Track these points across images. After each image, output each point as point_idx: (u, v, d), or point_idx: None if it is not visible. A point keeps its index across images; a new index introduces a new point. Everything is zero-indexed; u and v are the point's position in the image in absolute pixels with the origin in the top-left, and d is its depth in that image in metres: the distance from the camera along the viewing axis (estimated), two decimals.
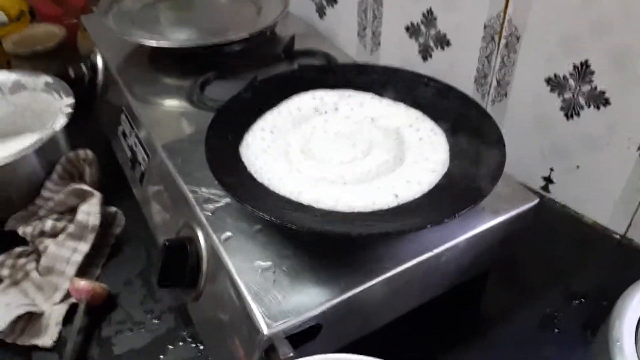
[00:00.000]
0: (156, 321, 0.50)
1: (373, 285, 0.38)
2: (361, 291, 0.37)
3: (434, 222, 0.36)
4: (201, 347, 0.47)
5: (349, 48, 0.77)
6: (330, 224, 0.38)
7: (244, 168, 0.43)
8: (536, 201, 0.45)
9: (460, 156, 0.44)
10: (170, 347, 0.48)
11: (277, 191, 0.41)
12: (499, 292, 0.53)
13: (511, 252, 0.50)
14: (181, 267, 0.42)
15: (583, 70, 0.54)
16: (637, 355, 0.33)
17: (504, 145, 0.43)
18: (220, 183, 0.39)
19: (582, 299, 0.52)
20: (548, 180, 0.62)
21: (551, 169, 0.61)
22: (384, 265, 0.39)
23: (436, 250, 0.40)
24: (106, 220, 0.57)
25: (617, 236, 0.58)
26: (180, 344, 0.48)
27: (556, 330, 0.49)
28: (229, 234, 0.41)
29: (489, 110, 0.64)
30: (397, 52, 0.71)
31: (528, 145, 0.61)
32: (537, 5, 0.54)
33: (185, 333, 0.49)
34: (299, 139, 0.47)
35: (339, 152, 0.46)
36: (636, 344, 0.33)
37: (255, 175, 0.42)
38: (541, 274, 0.55)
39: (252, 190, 0.41)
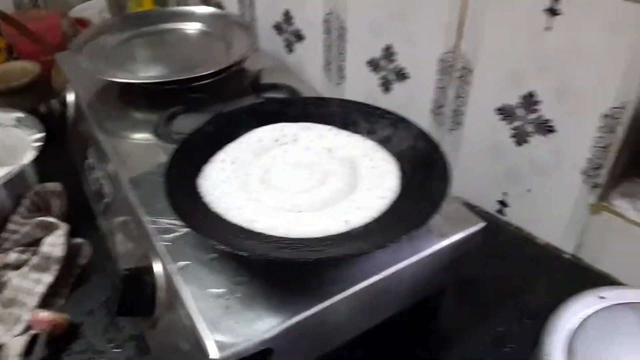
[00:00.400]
0: (117, 350, 0.51)
1: (323, 308, 0.39)
2: (311, 315, 0.39)
3: (379, 246, 0.38)
4: None
5: (316, 81, 0.80)
6: (281, 251, 0.39)
7: (201, 198, 0.45)
8: (482, 224, 0.47)
9: (410, 184, 0.46)
10: None
11: (232, 220, 0.43)
12: (455, 310, 0.54)
13: (464, 272, 0.52)
14: (139, 296, 0.43)
15: (529, 101, 0.57)
16: None
17: (449, 175, 0.45)
18: (175, 212, 0.41)
19: (534, 317, 0.54)
20: (502, 203, 0.65)
21: (505, 193, 0.64)
22: (334, 288, 0.40)
23: (385, 273, 0.42)
24: (72, 251, 0.58)
25: (568, 256, 0.61)
26: None
27: (509, 346, 0.51)
28: (185, 262, 0.43)
29: (445, 138, 0.67)
30: (360, 85, 0.74)
31: (483, 170, 0.64)
32: (487, 41, 0.58)
33: None
34: (259, 169, 0.49)
35: (297, 182, 0.48)
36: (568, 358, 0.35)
37: (212, 205, 0.44)
38: (496, 293, 0.57)
39: (208, 220, 0.42)
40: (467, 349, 0.50)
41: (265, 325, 0.38)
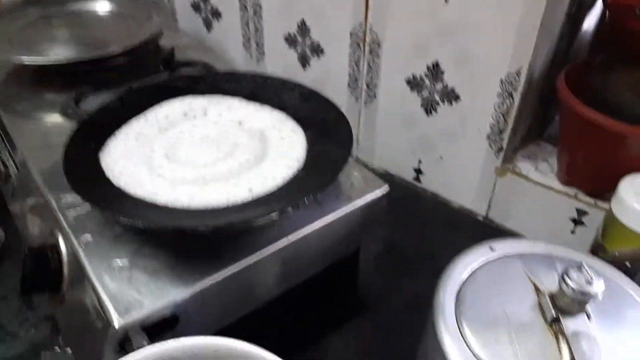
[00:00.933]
0: (32, 331, 0.50)
1: (230, 274, 0.40)
2: (217, 281, 0.40)
3: (280, 210, 0.39)
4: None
5: (237, 59, 0.80)
6: (180, 221, 0.40)
7: (102, 173, 0.44)
8: (386, 188, 0.49)
9: (315, 153, 0.48)
10: (44, 353, 0.48)
11: (133, 194, 0.42)
12: (375, 273, 0.56)
13: (383, 238, 0.54)
14: (44, 273, 0.43)
15: (435, 71, 0.59)
16: (455, 316, 0.37)
17: (350, 141, 0.47)
18: (72, 186, 0.40)
19: None
20: (418, 171, 0.67)
21: (420, 161, 0.66)
22: (240, 256, 0.41)
23: (292, 238, 0.43)
24: None
25: (480, 218, 0.64)
26: (56, 349, 0.48)
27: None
28: (89, 238, 0.42)
29: (362, 111, 0.68)
30: (280, 61, 0.75)
31: (399, 140, 0.66)
32: (392, 14, 0.59)
33: (60, 340, 0.49)
34: (164, 145, 0.49)
35: (203, 155, 0.48)
36: (456, 307, 0.37)
37: (113, 180, 0.44)
38: (413, 256, 0.59)
39: (108, 194, 0.42)
40: (385, 309, 0.53)
41: (170, 294, 0.38)
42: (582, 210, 0.57)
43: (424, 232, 0.63)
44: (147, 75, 0.64)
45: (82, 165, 0.44)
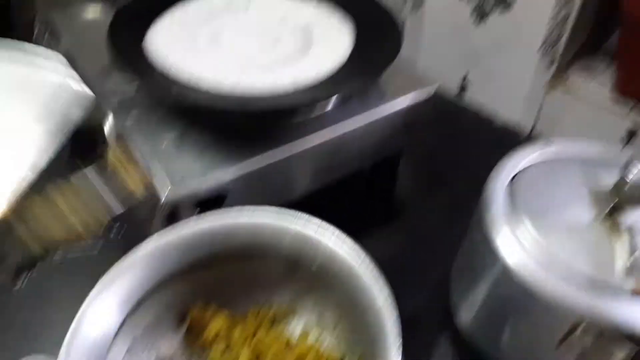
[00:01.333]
0: None
1: (274, 161, 0.40)
2: (265, 164, 0.40)
3: (326, 96, 0.38)
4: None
5: None
6: (224, 101, 0.39)
7: (147, 54, 0.44)
8: (434, 87, 0.47)
9: (362, 49, 0.46)
10: None
11: (179, 77, 0.42)
12: (412, 181, 0.56)
13: (430, 145, 0.52)
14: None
15: None
16: (506, 209, 0.36)
17: (400, 38, 0.45)
18: (120, 65, 0.40)
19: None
20: (463, 84, 0.65)
21: (465, 75, 0.64)
22: (284, 142, 0.41)
23: (337, 131, 0.42)
24: None
25: (526, 134, 0.62)
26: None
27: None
28: (133, 119, 0.42)
29: (407, 20, 0.65)
30: None
31: (445, 52, 0.64)
32: None
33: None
34: (208, 33, 0.48)
35: (247, 47, 0.47)
36: (507, 200, 0.36)
37: (158, 63, 0.43)
38: (454, 170, 0.58)
39: (154, 76, 0.41)
40: (420, 216, 0.52)
41: (218, 171, 0.38)
42: (633, 131, 0.55)
43: (465, 147, 0.61)
44: None
45: (127, 46, 0.43)
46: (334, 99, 0.43)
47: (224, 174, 0.38)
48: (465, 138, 0.62)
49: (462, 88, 0.65)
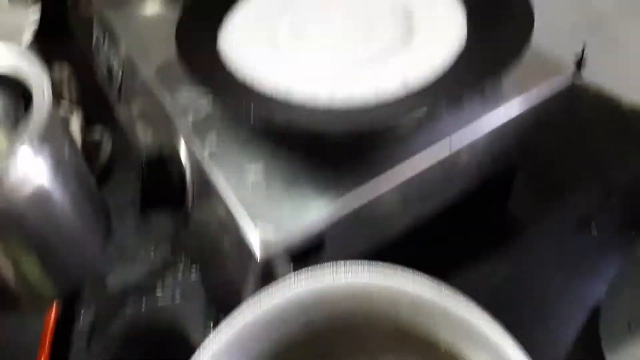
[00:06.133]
0: (152, 252, 0.46)
1: (385, 191, 0.33)
2: (370, 200, 0.32)
3: (453, 100, 0.30)
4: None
5: None
6: (326, 121, 0.32)
7: (223, 62, 0.37)
8: (571, 72, 0.38)
9: (480, 29, 0.37)
10: (168, 276, 0.44)
11: (262, 87, 0.35)
12: (526, 192, 0.47)
13: (542, 143, 0.44)
14: (165, 187, 0.38)
15: None
16: None
17: (532, 12, 0.35)
18: (193, 79, 0.33)
19: (623, 195, 0.46)
20: (580, 59, 0.54)
21: (584, 46, 0.53)
22: (396, 163, 0.33)
23: (458, 143, 0.34)
24: (89, 150, 0.52)
25: None
26: (179, 273, 0.44)
27: (595, 232, 0.44)
28: (214, 144, 0.36)
29: None
30: None
31: (556, 17, 0.53)
32: None
33: (182, 261, 0.45)
34: (289, 21, 0.40)
35: (337, 33, 0.39)
36: None
37: (237, 69, 0.36)
38: (574, 169, 0.49)
39: (234, 88, 0.35)
40: (544, 236, 0.44)
41: (314, 212, 0.31)
42: None
43: (586, 138, 0.51)
44: None
45: (199, 53, 0.36)
46: None
47: (322, 215, 0.31)
48: (585, 127, 0.51)
49: (578, 63, 0.54)
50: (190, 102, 0.39)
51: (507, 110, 0.36)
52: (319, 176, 0.33)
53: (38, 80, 0.31)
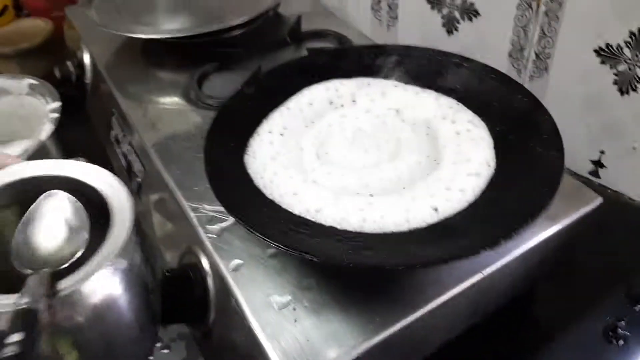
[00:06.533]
0: (165, 351, 0.45)
1: (413, 320, 0.32)
2: (400, 329, 0.31)
3: (488, 245, 0.29)
4: None
5: (363, 24, 0.69)
6: (358, 253, 0.31)
7: (251, 182, 0.37)
8: (599, 201, 0.38)
9: (509, 153, 0.37)
10: None
11: (291, 209, 0.34)
12: (551, 300, 0.46)
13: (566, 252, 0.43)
14: (186, 301, 0.37)
15: None
16: None
17: (561, 140, 0.36)
18: (224, 205, 0.33)
19: None
20: (598, 164, 0.54)
21: (601, 152, 0.54)
22: (424, 295, 0.32)
23: (487, 271, 0.34)
24: None
25: None
26: None
27: (621, 341, 0.43)
28: (238, 261, 0.35)
29: (526, 87, 0.56)
30: (417, 26, 0.63)
31: (573, 125, 0.54)
32: None
33: None
34: (313, 141, 0.41)
35: (361, 155, 0.40)
36: None
37: (265, 191, 0.36)
38: (597, 275, 0.48)
39: (262, 211, 0.34)
40: (571, 346, 0.43)
41: (343, 344, 0.30)
42: None
43: (604, 241, 0.51)
44: (271, 49, 0.56)
45: (227, 174, 0.36)
46: None
47: (352, 349, 0.30)
48: (606, 231, 0.51)
49: (596, 167, 0.55)
50: (214, 211, 0.38)
51: (537, 237, 0.36)
52: (349, 305, 0.32)
53: (123, 203, 0.33)
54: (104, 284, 0.29)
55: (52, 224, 0.31)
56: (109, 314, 0.30)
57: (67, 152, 0.57)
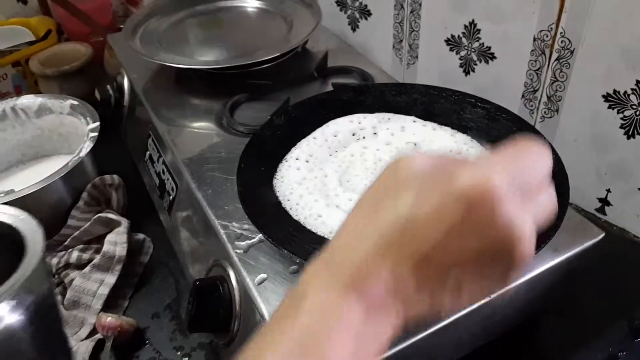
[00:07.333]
0: (185, 359, 0.47)
1: (417, 340, 0.34)
2: (407, 345, 0.34)
3: None
4: None
5: (384, 62, 0.73)
6: None
7: (279, 204, 0.40)
8: (601, 235, 0.40)
9: None
10: None
11: (315, 230, 0.38)
12: (554, 331, 0.48)
13: (569, 283, 0.45)
14: (213, 310, 0.39)
15: None
16: None
17: (567, 176, 0.39)
18: (255, 223, 0.36)
19: None
20: (604, 202, 0.57)
21: (608, 190, 0.56)
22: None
23: (491, 297, 0.36)
24: (133, 248, 0.55)
25: None
26: None
27: None
28: (263, 275, 0.38)
29: (538, 127, 0.59)
30: (436, 66, 0.67)
31: (582, 164, 0.57)
32: (596, 15, 0.49)
33: None
34: (337, 169, 0.44)
35: None
36: None
37: (291, 212, 0.39)
38: (600, 308, 0.50)
39: (289, 230, 0.37)
40: None
41: None
42: None
43: (608, 275, 0.53)
44: (299, 82, 0.60)
45: (258, 195, 0.40)
46: None
47: None
48: (610, 267, 0.53)
49: (602, 205, 0.57)
50: (242, 229, 0.41)
51: (540, 267, 0.38)
52: None
53: (34, 235, 0.35)
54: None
55: None
56: (7, 349, 0.31)
57: (102, 169, 0.62)
